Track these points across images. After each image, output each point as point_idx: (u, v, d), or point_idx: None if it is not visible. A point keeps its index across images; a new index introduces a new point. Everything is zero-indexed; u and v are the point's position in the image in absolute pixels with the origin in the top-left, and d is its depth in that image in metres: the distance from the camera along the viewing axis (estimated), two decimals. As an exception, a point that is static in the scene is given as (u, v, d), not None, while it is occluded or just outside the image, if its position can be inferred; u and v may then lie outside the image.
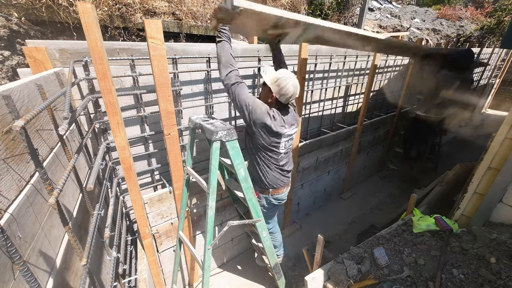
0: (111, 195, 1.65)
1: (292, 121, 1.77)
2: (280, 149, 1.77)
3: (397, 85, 4.41)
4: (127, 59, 1.73)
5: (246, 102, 1.57)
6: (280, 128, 1.66)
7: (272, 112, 1.63)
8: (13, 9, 2.01)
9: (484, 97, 8.38)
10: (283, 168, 1.88)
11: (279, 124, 1.66)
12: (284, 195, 2.01)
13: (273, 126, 1.62)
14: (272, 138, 1.68)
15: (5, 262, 0.70)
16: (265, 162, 1.79)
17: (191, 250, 1.89)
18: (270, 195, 1.93)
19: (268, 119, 1.61)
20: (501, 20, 7.84)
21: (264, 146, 1.71)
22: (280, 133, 1.68)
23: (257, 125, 1.62)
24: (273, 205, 2.02)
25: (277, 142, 1.72)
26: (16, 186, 0.82)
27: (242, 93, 1.56)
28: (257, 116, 1.59)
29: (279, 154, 1.79)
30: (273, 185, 1.88)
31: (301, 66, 2.33)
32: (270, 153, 1.76)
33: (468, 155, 5.38)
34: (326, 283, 1.72)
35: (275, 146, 1.74)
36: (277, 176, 1.87)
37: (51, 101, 0.92)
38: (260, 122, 1.60)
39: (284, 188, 1.97)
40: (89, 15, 1.12)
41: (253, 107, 1.58)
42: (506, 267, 1.57)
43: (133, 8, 2.80)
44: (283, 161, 1.85)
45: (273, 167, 1.82)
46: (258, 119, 1.59)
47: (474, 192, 2.06)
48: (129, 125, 1.93)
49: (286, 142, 1.78)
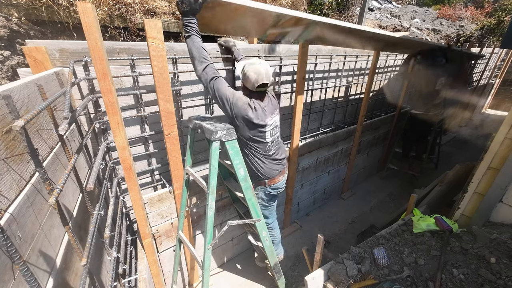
0: (111, 195, 1.65)
1: (273, 109, 1.78)
2: (266, 139, 1.77)
3: (397, 85, 4.41)
4: (127, 59, 1.73)
5: (226, 96, 1.58)
6: (262, 118, 1.68)
7: (253, 103, 1.64)
8: (13, 9, 2.01)
9: (484, 97, 8.38)
10: (274, 158, 1.88)
11: (261, 114, 1.67)
12: (281, 183, 2.00)
13: (254, 118, 1.64)
14: (256, 129, 1.69)
15: (5, 262, 0.70)
16: (254, 153, 1.80)
17: (191, 250, 1.89)
18: (267, 186, 1.92)
19: (250, 110, 1.62)
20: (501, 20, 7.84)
21: (250, 137, 1.72)
22: (263, 124, 1.69)
23: (239, 118, 1.63)
24: (272, 195, 2.01)
25: (261, 132, 1.73)
26: (16, 186, 0.82)
27: (221, 88, 1.56)
28: (238, 109, 1.60)
29: (265, 144, 1.79)
30: (267, 176, 1.88)
31: (301, 66, 2.33)
32: (257, 144, 1.77)
33: (468, 155, 5.39)
34: (326, 283, 1.72)
35: (261, 137, 1.74)
36: (270, 166, 1.86)
37: (51, 101, 0.92)
38: (242, 115, 1.61)
39: (279, 176, 1.95)
40: (89, 15, 1.12)
41: (234, 100, 1.59)
42: (506, 267, 1.57)
43: (133, 8, 2.80)
44: (272, 151, 1.85)
45: (263, 158, 1.82)
46: (239, 112, 1.61)
47: (474, 192, 2.06)
48: (129, 125, 1.93)
49: (271, 130, 1.78)
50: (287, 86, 2.83)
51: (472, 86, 6.84)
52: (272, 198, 2.06)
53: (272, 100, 1.81)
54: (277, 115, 1.83)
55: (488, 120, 7.95)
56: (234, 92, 1.62)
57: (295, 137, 2.66)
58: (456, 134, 6.63)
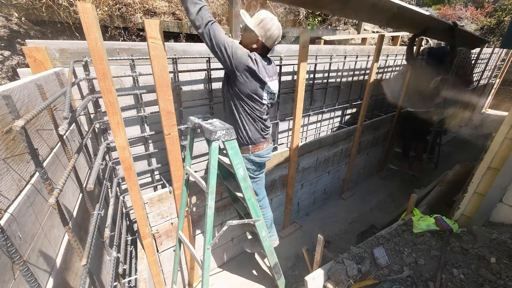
0: (111, 195, 1.65)
1: (273, 72, 1.68)
2: (263, 100, 1.65)
3: (397, 85, 4.41)
4: (127, 59, 1.73)
5: (225, 42, 1.41)
6: (263, 74, 1.57)
7: (254, 55, 1.52)
8: (13, 9, 2.01)
9: (484, 97, 8.38)
10: (266, 123, 1.79)
11: (262, 70, 1.56)
12: (265, 151, 1.88)
13: (257, 71, 1.52)
14: (256, 84, 1.57)
15: (5, 262, 0.70)
16: (248, 113, 1.65)
17: (190, 250, 1.89)
18: (250, 153, 1.80)
19: (251, 61, 1.49)
20: (501, 20, 7.83)
21: (248, 94, 1.58)
22: (263, 80, 1.58)
23: (239, 68, 1.48)
24: (256, 163, 1.89)
25: (261, 89, 1.60)
26: (16, 186, 0.82)
27: (219, 33, 1.39)
28: (238, 58, 1.45)
29: (262, 106, 1.68)
30: (253, 140, 1.76)
31: (300, 66, 2.33)
32: (253, 104, 1.64)
33: (468, 155, 5.39)
34: (326, 283, 1.72)
35: (259, 95, 1.61)
36: (259, 130, 1.76)
37: (51, 101, 0.92)
38: (244, 65, 1.48)
39: (264, 143, 1.85)
40: (89, 15, 1.12)
41: (234, 48, 1.44)
42: (506, 267, 1.57)
43: (133, 8, 2.80)
44: (264, 115, 1.75)
45: (257, 119, 1.70)
46: (240, 61, 1.47)
47: (474, 192, 2.06)
48: (129, 125, 1.93)
49: (268, 93, 1.67)
50: (287, 86, 2.83)
51: (472, 86, 6.83)
52: (258, 167, 1.95)
53: (275, 66, 1.73)
54: (276, 80, 1.72)
55: (488, 120, 7.95)
56: (233, 40, 1.50)
57: (295, 137, 2.66)
58: (456, 134, 6.63)
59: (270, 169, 2.72)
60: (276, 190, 2.97)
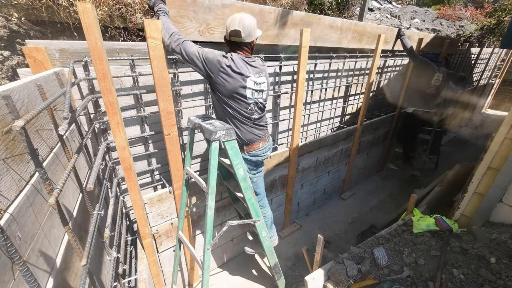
0: (111, 195, 1.65)
1: (259, 70, 1.68)
2: (248, 99, 1.65)
3: (397, 85, 4.41)
4: (127, 59, 1.73)
5: (194, 52, 1.51)
6: (243, 69, 1.57)
7: (230, 55, 1.56)
8: (13, 9, 2.01)
9: (484, 97, 8.39)
10: (257, 123, 1.78)
11: (241, 65, 1.57)
12: (261, 151, 1.87)
13: (232, 65, 1.54)
14: (236, 82, 1.57)
15: (5, 262, 0.70)
16: (233, 114, 1.67)
17: (190, 250, 1.89)
18: (245, 153, 1.80)
19: (225, 59, 1.54)
20: (501, 20, 7.82)
21: (229, 95, 1.61)
22: (243, 74, 1.57)
23: (214, 70, 1.53)
24: (252, 162, 1.89)
25: (242, 87, 1.60)
26: (16, 186, 0.82)
27: (188, 47, 1.51)
28: (210, 60, 1.52)
29: (248, 105, 1.67)
30: (246, 141, 1.76)
31: (300, 66, 2.33)
32: (237, 105, 1.65)
33: (468, 155, 5.39)
34: (326, 283, 1.72)
35: (241, 95, 1.62)
36: (250, 130, 1.75)
37: (51, 101, 0.92)
38: (217, 67, 1.53)
39: (259, 142, 1.83)
40: (89, 15, 1.12)
41: (204, 53, 1.52)
42: (506, 267, 1.57)
43: (133, 8, 2.80)
44: (254, 115, 1.73)
45: (244, 121, 1.70)
46: (213, 63, 1.52)
47: (474, 192, 2.06)
48: (129, 125, 1.93)
49: (253, 91, 1.66)
50: (287, 86, 2.83)
51: (472, 86, 6.84)
52: (255, 166, 1.94)
53: (261, 64, 1.72)
54: (263, 77, 1.71)
55: (488, 120, 7.95)
56: (202, 47, 1.55)
57: (295, 137, 2.66)
58: (456, 134, 6.63)
59: (270, 169, 2.72)
60: (276, 190, 2.97)
